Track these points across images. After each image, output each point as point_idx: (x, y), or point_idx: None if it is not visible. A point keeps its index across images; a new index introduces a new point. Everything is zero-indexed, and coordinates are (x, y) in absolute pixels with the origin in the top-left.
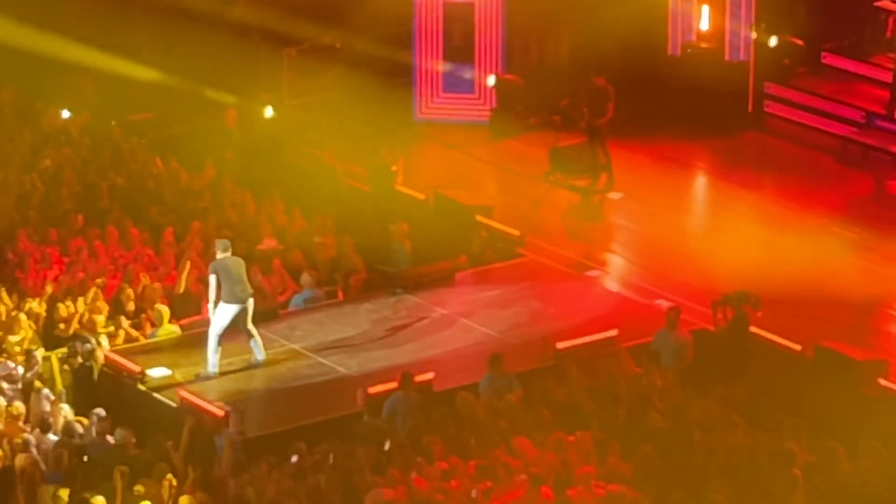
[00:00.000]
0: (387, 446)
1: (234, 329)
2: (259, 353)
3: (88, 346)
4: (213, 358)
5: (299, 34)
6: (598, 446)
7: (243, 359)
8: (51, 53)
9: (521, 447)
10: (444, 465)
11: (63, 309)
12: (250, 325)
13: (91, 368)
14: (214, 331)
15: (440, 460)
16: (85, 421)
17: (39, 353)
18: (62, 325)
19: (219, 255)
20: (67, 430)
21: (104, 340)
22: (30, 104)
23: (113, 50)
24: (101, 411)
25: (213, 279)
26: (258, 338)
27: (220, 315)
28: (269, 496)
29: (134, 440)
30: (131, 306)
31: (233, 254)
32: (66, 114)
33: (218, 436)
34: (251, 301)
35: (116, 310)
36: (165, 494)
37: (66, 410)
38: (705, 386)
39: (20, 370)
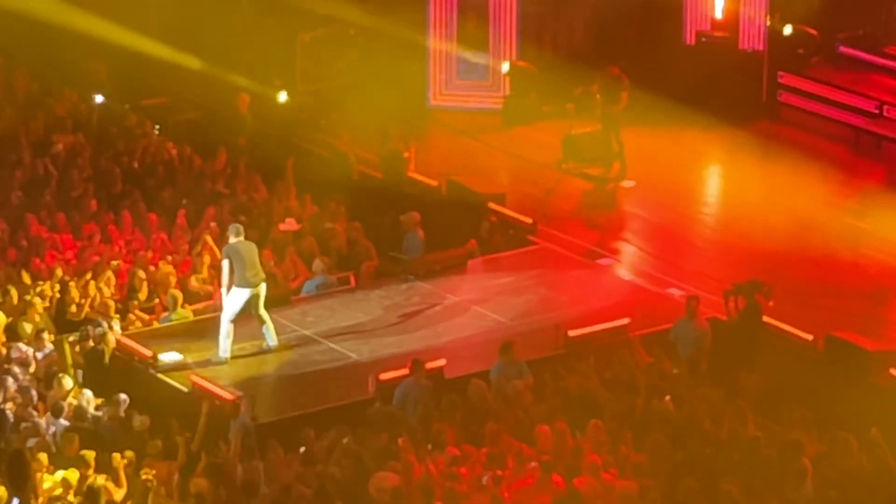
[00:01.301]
0: (400, 442)
1: (247, 314)
2: (271, 339)
3: (100, 329)
4: (224, 343)
5: (313, 20)
6: (610, 435)
7: (255, 344)
8: (62, 34)
9: (541, 435)
10: (455, 452)
11: (75, 292)
12: (262, 311)
13: (102, 352)
14: (227, 316)
15: (451, 447)
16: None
17: (48, 336)
18: (74, 309)
19: (231, 240)
20: (78, 414)
21: (116, 324)
22: (44, 88)
23: (127, 32)
24: (125, 397)
25: (226, 264)
26: (270, 323)
27: (233, 300)
28: (281, 481)
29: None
30: (144, 291)
31: (245, 238)
32: (99, 98)
33: (233, 420)
34: (263, 286)
35: (129, 294)
36: (173, 479)
37: (88, 395)
38: (716, 375)
39: (31, 352)
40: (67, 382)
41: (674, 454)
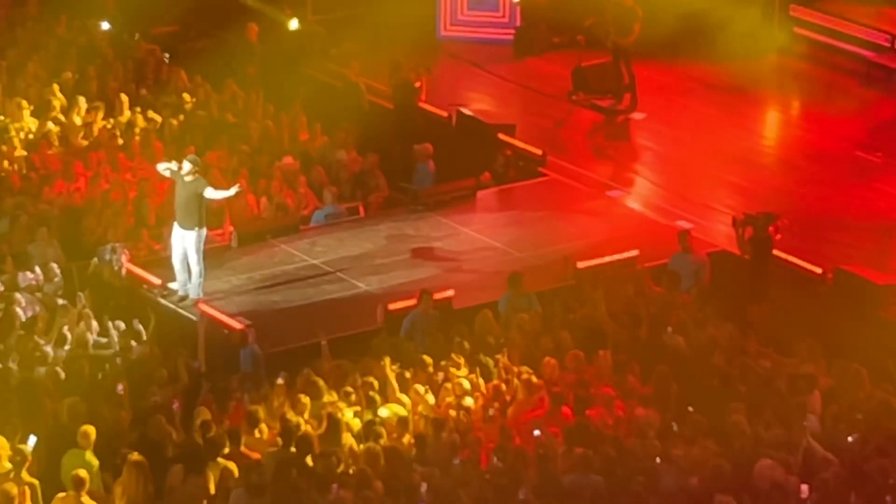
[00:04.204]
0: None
1: (260, 245)
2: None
3: (109, 257)
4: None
5: None
6: (617, 367)
7: (264, 274)
8: None
9: (548, 367)
10: (464, 383)
11: (86, 220)
12: None
13: (111, 280)
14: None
15: (460, 378)
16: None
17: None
18: (84, 237)
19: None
20: (82, 342)
21: (125, 252)
22: (54, 16)
23: None
24: (120, 324)
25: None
26: None
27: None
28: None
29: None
30: (152, 218)
31: (254, 167)
32: (105, 25)
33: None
34: None
35: (138, 222)
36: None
37: (93, 323)
38: (725, 308)
39: (40, 279)
40: (70, 311)
41: (681, 386)
